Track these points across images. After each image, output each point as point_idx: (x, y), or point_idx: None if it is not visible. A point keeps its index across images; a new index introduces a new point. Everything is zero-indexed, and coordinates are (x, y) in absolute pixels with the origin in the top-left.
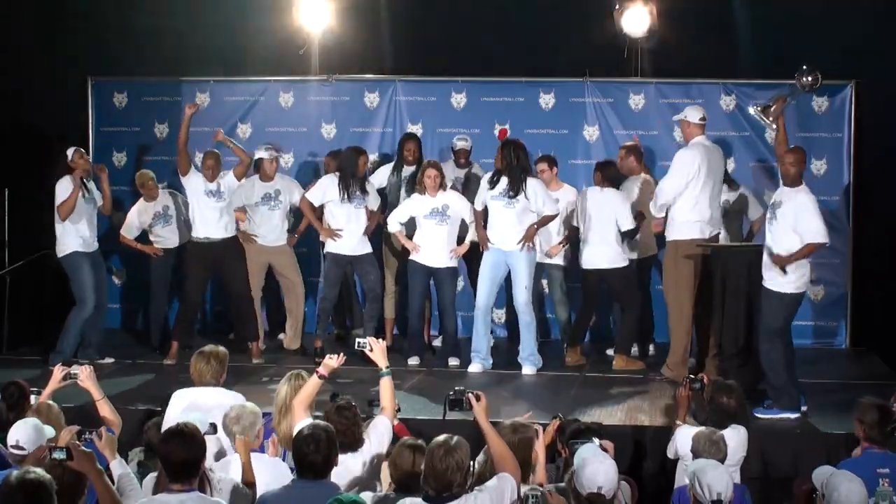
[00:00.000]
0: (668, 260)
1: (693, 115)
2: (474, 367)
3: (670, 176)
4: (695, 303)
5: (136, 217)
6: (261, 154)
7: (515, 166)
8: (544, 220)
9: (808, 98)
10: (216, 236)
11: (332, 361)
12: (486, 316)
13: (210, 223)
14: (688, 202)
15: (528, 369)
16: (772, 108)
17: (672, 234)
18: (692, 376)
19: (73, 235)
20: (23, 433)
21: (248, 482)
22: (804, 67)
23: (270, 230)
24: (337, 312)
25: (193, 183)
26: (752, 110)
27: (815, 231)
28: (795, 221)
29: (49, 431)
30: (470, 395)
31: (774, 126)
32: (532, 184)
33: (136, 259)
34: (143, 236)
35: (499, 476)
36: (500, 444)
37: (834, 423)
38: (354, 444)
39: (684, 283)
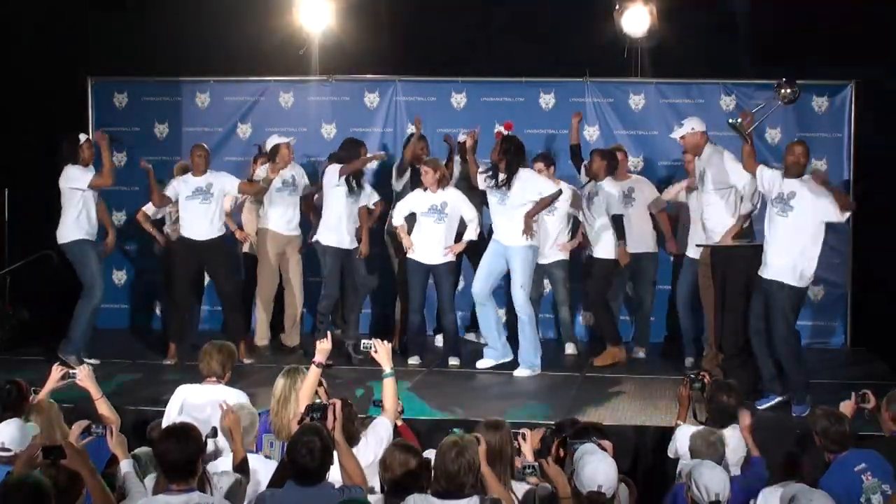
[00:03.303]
0: (703, 264)
1: (700, 125)
2: (485, 362)
3: (744, 175)
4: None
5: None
6: (276, 140)
7: (512, 160)
8: (544, 202)
9: (809, 98)
10: (199, 237)
11: (324, 344)
12: (483, 304)
13: (194, 223)
14: (723, 207)
15: (519, 371)
16: (743, 124)
17: (707, 240)
18: (692, 375)
19: (78, 223)
20: (7, 434)
21: (240, 462)
22: (783, 79)
23: (287, 218)
24: (335, 310)
25: (175, 189)
26: (731, 123)
27: None
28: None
29: (33, 429)
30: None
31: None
32: (523, 174)
33: None
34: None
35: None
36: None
37: None
38: (350, 440)
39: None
